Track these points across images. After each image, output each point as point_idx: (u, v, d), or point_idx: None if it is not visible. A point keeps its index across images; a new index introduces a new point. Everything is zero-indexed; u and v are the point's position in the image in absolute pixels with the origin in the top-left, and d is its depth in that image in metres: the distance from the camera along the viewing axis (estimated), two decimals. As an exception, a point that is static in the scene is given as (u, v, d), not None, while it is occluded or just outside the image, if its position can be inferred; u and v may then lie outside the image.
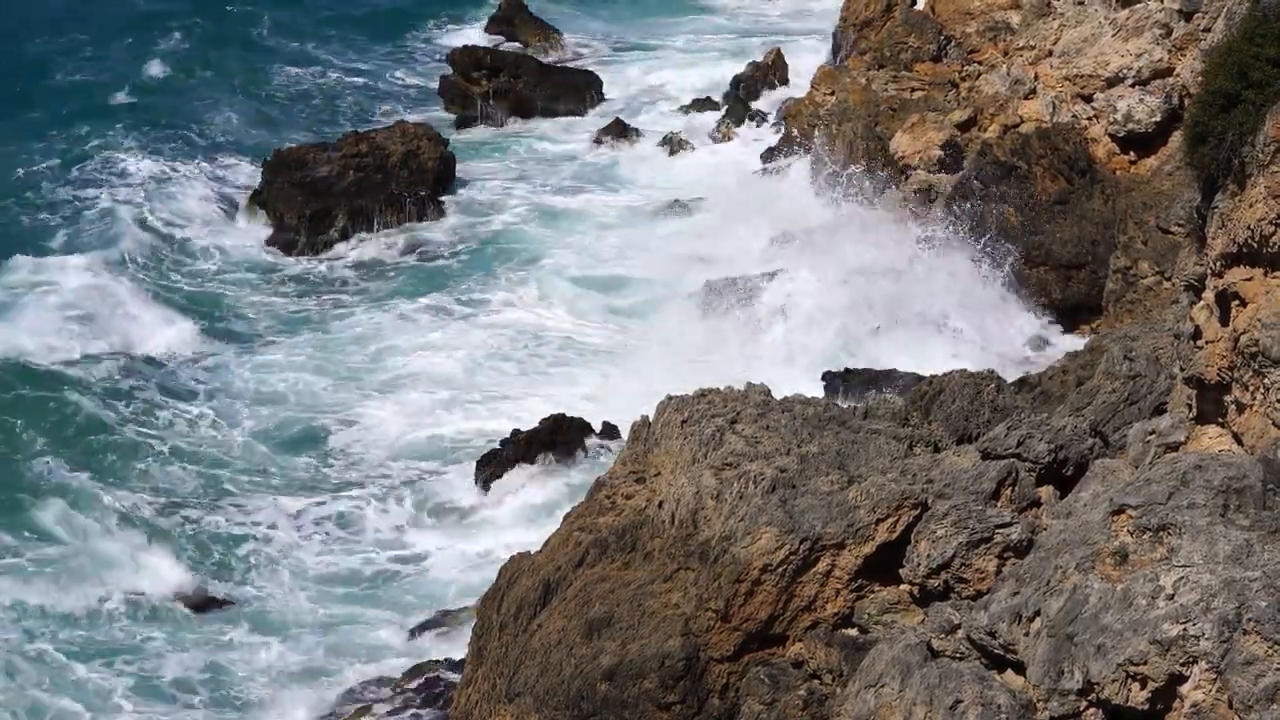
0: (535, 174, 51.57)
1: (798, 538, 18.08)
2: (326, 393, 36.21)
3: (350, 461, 33.25)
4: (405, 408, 35.31)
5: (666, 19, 70.24)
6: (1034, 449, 18.47)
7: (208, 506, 31.18)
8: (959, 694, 14.44)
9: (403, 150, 48.43)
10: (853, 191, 41.02)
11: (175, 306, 40.63)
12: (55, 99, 56.18)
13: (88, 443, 33.21)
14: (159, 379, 36.59)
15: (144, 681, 25.80)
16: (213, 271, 43.79)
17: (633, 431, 22.21)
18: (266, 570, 29.23)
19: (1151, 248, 34.80)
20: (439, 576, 29.08)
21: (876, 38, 49.52)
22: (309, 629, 27.41)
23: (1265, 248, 15.11)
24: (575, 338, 39.14)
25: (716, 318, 37.57)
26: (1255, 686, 12.80)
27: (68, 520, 29.77)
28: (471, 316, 40.35)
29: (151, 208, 46.64)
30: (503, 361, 37.76)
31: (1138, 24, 39.28)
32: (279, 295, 42.43)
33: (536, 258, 44.21)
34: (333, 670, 26.27)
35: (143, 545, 29.34)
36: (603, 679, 18.65)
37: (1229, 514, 13.86)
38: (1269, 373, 15.10)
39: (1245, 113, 15.22)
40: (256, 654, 26.62)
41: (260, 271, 43.97)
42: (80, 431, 33.58)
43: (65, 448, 32.83)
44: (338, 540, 30.29)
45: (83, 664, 26.07)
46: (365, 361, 37.82)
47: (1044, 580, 14.55)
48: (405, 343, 38.76)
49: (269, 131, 55.07)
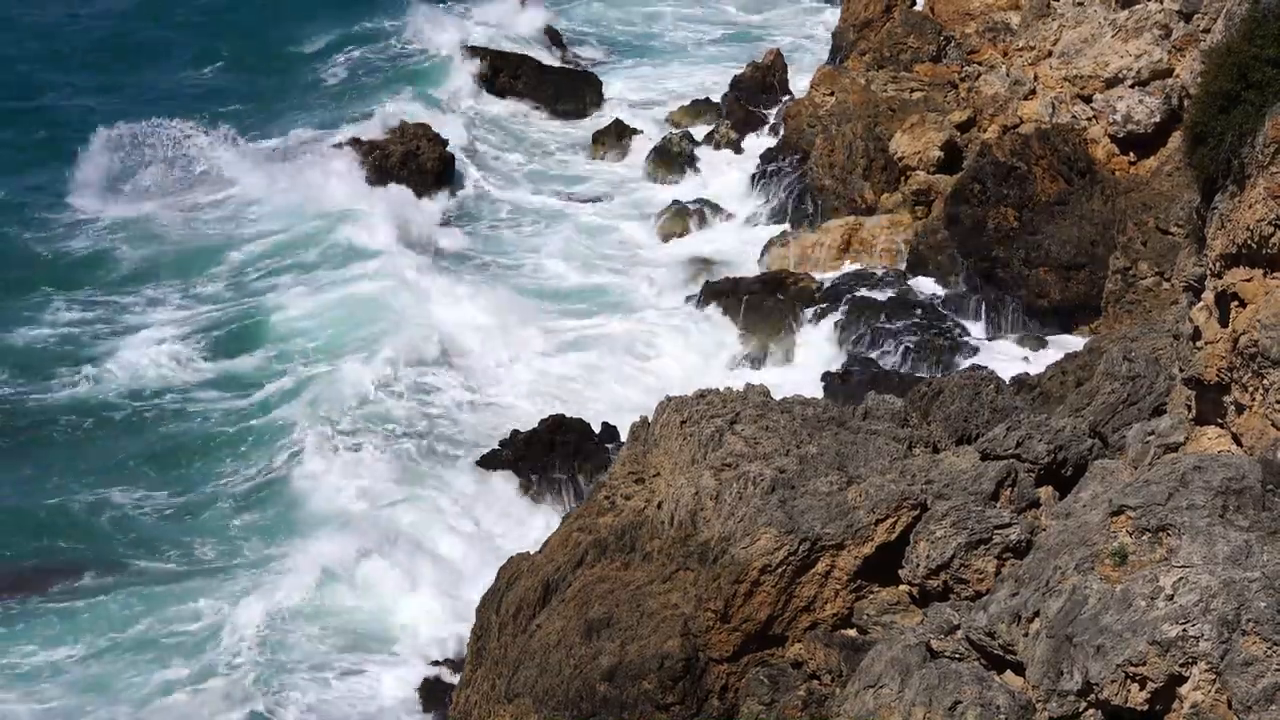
0: (535, 174, 51.62)
1: (797, 538, 18.08)
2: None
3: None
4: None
5: (667, 19, 70.28)
6: (1033, 450, 18.47)
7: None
8: (958, 694, 14.44)
9: (402, 150, 48.50)
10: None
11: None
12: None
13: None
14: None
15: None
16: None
17: (632, 432, 22.20)
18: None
19: (1151, 248, 34.82)
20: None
21: (876, 38, 49.59)
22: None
23: (1265, 248, 15.11)
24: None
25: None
26: (1254, 687, 12.80)
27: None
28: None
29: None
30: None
31: (1137, 25, 39.30)
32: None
33: (536, 249, 44.69)
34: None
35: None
36: (602, 679, 18.65)
37: (1228, 515, 13.85)
38: (1268, 373, 15.10)
39: (1245, 113, 15.22)
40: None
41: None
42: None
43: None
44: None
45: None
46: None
47: (1043, 581, 14.55)
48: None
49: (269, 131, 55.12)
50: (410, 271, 41.57)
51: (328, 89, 59.83)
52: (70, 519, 30.72)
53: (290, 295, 40.40)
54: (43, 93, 58.47)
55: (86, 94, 58.31)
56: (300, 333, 38.53)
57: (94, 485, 32.00)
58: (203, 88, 59.71)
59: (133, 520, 30.82)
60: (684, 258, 43.25)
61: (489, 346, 38.04)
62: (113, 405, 35.53)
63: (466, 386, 36.27)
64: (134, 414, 35.14)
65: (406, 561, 28.74)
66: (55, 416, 35.07)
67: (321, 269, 42.21)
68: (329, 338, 38.22)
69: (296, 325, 38.88)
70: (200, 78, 61.38)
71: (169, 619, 27.30)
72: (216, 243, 44.70)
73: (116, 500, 31.42)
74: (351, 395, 34.92)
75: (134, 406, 35.46)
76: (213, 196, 47.94)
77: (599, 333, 39.36)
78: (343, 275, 41.54)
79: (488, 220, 47.74)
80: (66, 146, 49.97)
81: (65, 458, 33.28)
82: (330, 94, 59.06)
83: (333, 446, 32.94)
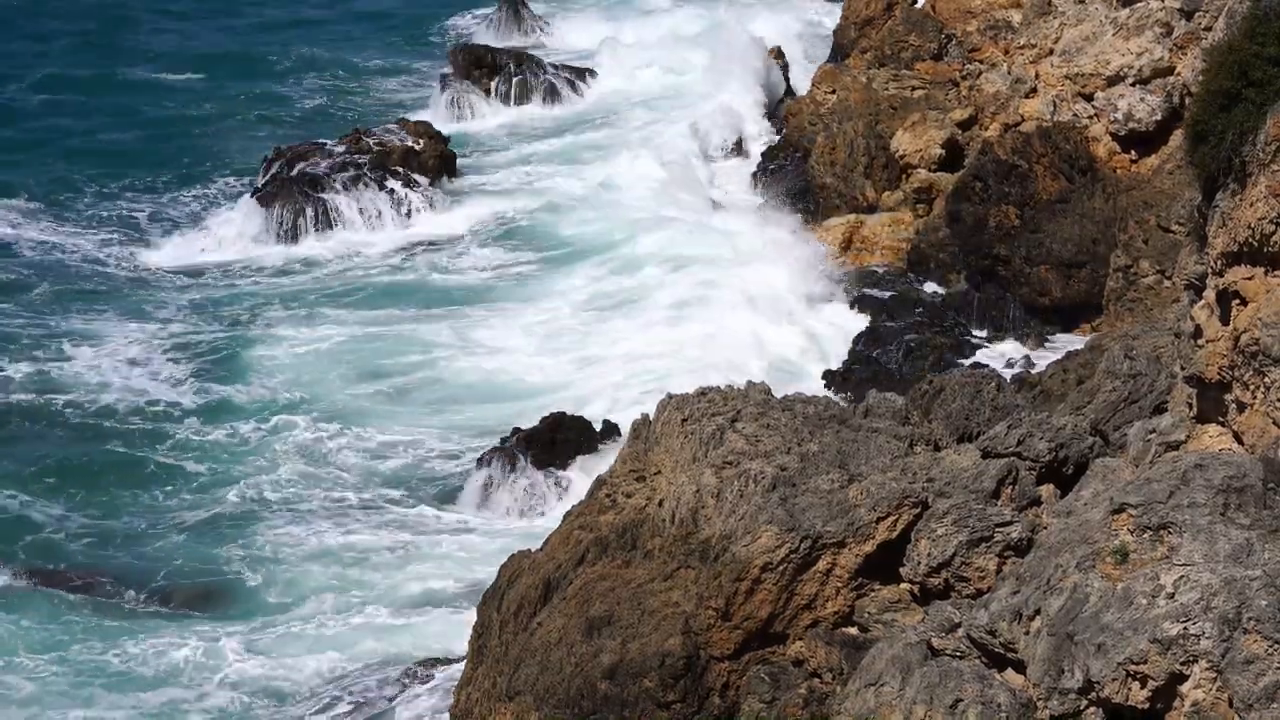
0: (536, 172, 51.59)
1: (798, 536, 18.07)
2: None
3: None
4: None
5: (667, 17, 70.29)
6: (1034, 448, 18.46)
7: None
8: (959, 693, 14.44)
9: (403, 147, 48.50)
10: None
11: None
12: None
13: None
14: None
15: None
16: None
17: (633, 430, 22.19)
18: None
19: (1152, 246, 34.82)
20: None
21: (877, 36, 49.57)
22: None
23: (1266, 247, 15.10)
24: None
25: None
26: (1255, 685, 12.80)
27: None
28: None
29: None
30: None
31: (1138, 23, 39.28)
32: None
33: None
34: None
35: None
36: (603, 677, 18.65)
37: (1229, 513, 13.85)
38: (1270, 372, 15.09)
39: (1246, 111, 15.21)
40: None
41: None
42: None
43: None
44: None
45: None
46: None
47: (1044, 579, 14.55)
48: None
49: (271, 127, 55.20)
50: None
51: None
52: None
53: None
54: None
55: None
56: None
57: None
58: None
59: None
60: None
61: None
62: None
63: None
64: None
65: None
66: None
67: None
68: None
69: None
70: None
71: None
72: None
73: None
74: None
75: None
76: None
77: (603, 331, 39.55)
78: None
79: (488, 218, 47.72)
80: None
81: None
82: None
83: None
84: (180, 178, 50.94)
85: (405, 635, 26.97)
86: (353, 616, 27.61)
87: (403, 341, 38.82)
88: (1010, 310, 37.86)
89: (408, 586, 28.44)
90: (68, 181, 49.74)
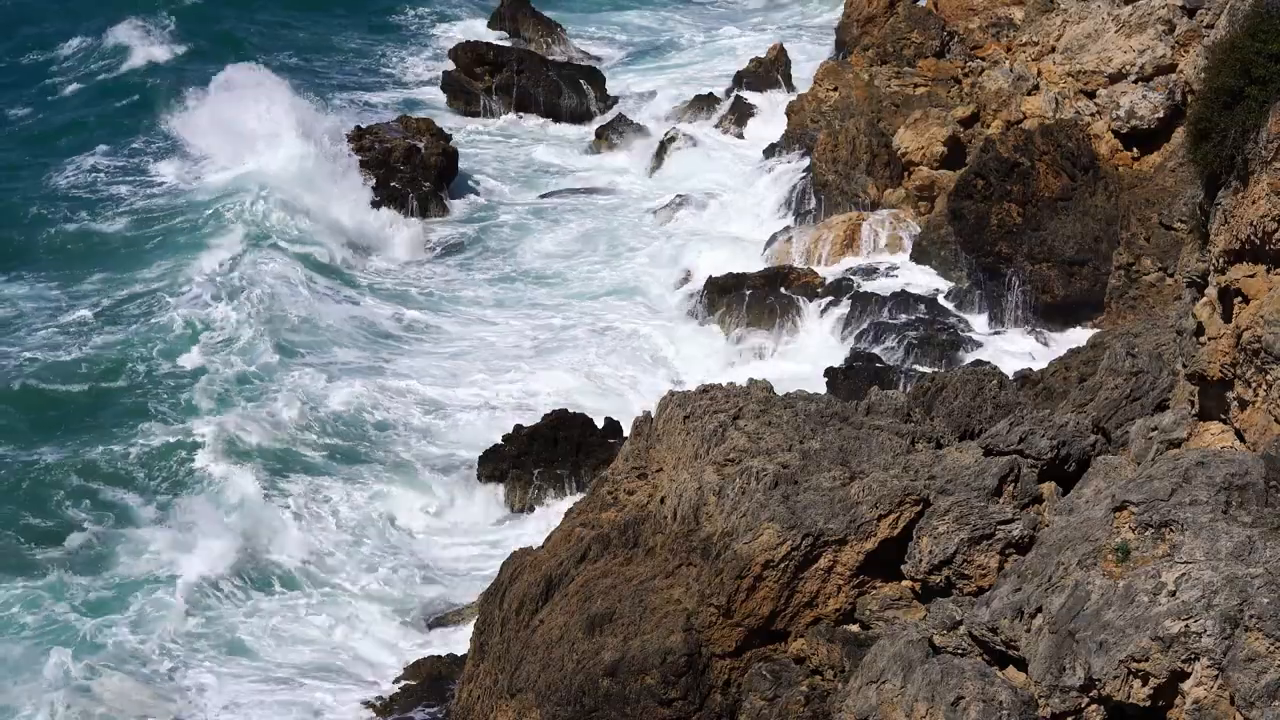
0: (537, 171, 51.60)
1: (800, 534, 18.08)
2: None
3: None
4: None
5: (667, 15, 70.27)
6: (1036, 445, 18.46)
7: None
8: (960, 690, 14.45)
9: (405, 145, 48.47)
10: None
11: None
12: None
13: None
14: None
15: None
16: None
17: (635, 427, 22.20)
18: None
19: (1154, 244, 34.83)
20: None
21: (879, 34, 49.54)
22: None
23: (1268, 244, 15.11)
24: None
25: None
26: (1257, 683, 12.80)
27: None
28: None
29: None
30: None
31: (1141, 20, 39.28)
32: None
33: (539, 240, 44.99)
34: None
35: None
36: (605, 675, 18.66)
37: (1231, 511, 13.86)
38: (1271, 369, 15.09)
39: (1248, 109, 15.22)
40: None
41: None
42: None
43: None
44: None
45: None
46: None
47: (1046, 577, 14.56)
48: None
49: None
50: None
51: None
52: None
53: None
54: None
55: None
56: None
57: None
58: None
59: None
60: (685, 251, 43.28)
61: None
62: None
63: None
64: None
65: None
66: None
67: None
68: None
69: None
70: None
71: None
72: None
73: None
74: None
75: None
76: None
77: (602, 325, 39.50)
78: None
79: (488, 217, 47.74)
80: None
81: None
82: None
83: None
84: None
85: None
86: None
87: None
88: (1012, 307, 37.85)
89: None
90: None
